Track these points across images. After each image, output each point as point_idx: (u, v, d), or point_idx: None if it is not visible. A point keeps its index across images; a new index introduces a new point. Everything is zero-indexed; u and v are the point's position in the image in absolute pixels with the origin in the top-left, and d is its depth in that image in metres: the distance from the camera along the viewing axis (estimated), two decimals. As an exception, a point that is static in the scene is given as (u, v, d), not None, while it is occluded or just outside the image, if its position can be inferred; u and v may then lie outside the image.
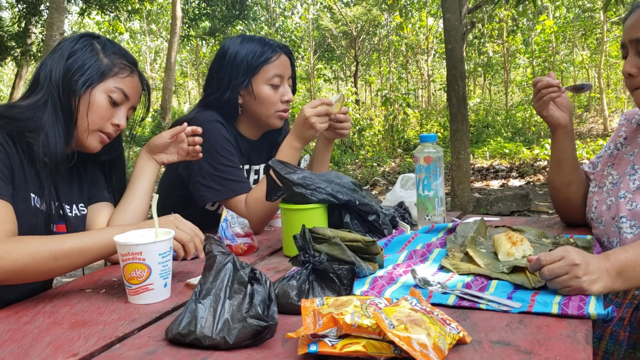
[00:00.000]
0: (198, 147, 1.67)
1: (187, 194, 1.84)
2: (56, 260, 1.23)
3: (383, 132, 13.00)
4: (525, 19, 17.01)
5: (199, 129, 1.66)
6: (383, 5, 16.74)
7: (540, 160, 10.17)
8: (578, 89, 1.65)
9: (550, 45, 16.75)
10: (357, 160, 11.58)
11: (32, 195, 1.39)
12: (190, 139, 1.67)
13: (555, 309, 1.03)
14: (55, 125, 1.41)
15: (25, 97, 1.46)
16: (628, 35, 1.46)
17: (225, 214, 1.58)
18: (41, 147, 1.38)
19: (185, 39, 15.22)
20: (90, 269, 2.04)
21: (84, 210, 1.58)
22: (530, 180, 8.80)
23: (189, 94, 26.52)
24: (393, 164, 11.26)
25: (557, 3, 16.27)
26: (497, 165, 10.12)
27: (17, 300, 1.34)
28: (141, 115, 1.65)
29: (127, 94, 1.51)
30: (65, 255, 1.24)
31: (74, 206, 1.55)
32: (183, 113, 17.07)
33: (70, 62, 1.45)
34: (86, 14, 12.63)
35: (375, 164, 10.93)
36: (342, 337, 0.89)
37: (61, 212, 1.50)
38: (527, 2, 7.47)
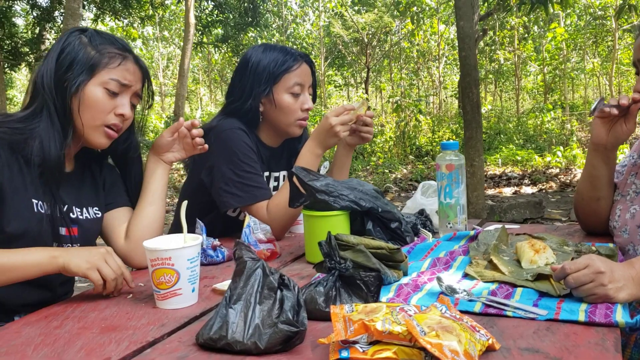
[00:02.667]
0: (200, 140, 1.63)
1: (209, 200, 1.86)
2: None
3: (394, 139, 12.98)
4: (536, 27, 16.97)
5: (197, 122, 1.65)
6: (395, 12, 16.76)
7: (552, 167, 10.13)
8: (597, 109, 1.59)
9: (561, 52, 16.69)
10: (368, 167, 11.58)
11: (35, 201, 1.40)
12: (192, 132, 1.63)
13: (582, 317, 1.03)
14: (50, 131, 1.40)
15: (26, 105, 1.46)
16: (637, 55, 1.49)
17: (248, 220, 1.60)
18: (35, 154, 1.38)
19: (198, 46, 15.29)
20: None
21: (98, 214, 1.58)
22: (543, 187, 8.77)
23: (200, 101, 26.65)
24: (405, 170, 11.24)
25: (569, 11, 16.21)
26: (510, 172, 10.08)
27: (36, 304, 1.37)
28: (148, 102, 1.60)
29: (124, 82, 1.47)
30: None
31: (85, 209, 1.55)
32: (195, 118, 17.15)
33: (60, 62, 1.43)
34: (100, 20, 12.73)
35: (386, 171, 10.92)
36: (372, 343, 0.90)
37: (72, 215, 1.50)
38: (538, 10, 7.46)
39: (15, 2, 11.06)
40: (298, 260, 1.60)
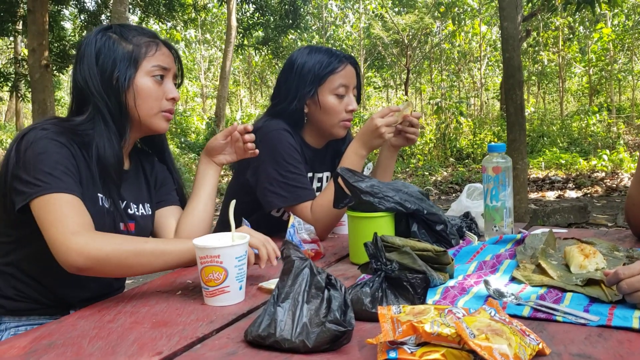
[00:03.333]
0: (251, 145, 1.67)
1: (253, 200, 1.88)
2: (137, 257, 1.28)
3: (435, 141, 12.87)
4: (582, 27, 16.60)
5: (250, 127, 1.68)
6: (436, 13, 16.62)
7: (597, 171, 9.88)
8: None
9: (608, 53, 16.27)
10: (407, 169, 11.51)
11: (100, 195, 1.44)
12: (244, 137, 1.66)
13: (636, 324, 1.01)
14: (107, 134, 1.44)
15: (76, 111, 1.49)
16: None
17: (293, 220, 1.61)
18: (96, 157, 1.42)
19: (239, 49, 15.47)
20: (162, 272, 2.11)
21: (149, 211, 1.62)
22: (588, 192, 8.56)
23: (240, 102, 26.95)
24: (445, 173, 11.13)
25: (616, 10, 15.80)
26: (553, 176, 9.88)
27: (89, 299, 1.41)
28: (181, 82, 1.64)
29: (165, 66, 1.52)
30: (146, 253, 1.29)
31: (141, 205, 1.59)
32: (236, 120, 17.35)
33: (101, 64, 1.46)
34: (144, 23, 13.01)
35: (426, 173, 10.84)
36: (420, 345, 0.90)
37: (129, 211, 1.55)
38: (584, 10, 7.30)
39: (64, 6, 11.39)
40: (342, 261, 1.61)
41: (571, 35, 17.25)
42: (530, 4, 9.02)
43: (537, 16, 12.76)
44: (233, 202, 1.33)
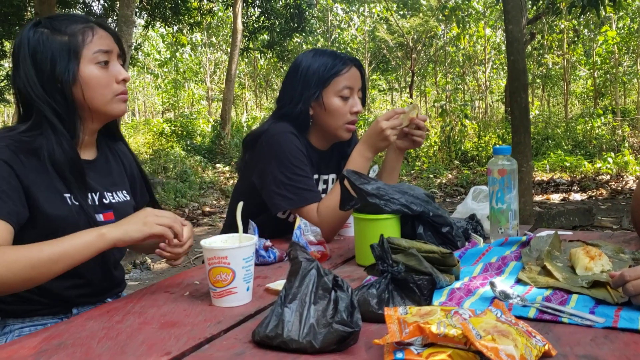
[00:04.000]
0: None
1: (260, 202, 1.89)
2: (34, 269, 1.22)
3: (439, 144, 12.87)
4: (586, 30, 16.57)
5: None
6: (440, 17, 16.63)
7: (602, 174, 9.86)
8: None
9: (613, 56, 16.23)
10: (412, 172, 11.51)
11: (67, 195, 1.41)
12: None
13: (642, 326, 1.01)
14: (54, 139, 1.38)
15: (23, 118, 1.44)
16: None
17: (299, 222, 1.62)
18: (48, 162, 1.38)
19: (244, 52, 15.52)
20: (169, 273, 2.13)
21: (127, 197, 1.60)
22: (593, 194, 8.55)
23: (246, 105, 27.00)
24: (450, 175, 11.13)
25: (621, 13, 15.77)
26: (558, 178, 9.86)
27: (90, 294, 1.43)
28: (125, 60, 1.57)
29: (107, 49, 1.45)
30: (43, 262, 1.23)
31: (115, 193, 1.56)
32: (241, 123, 17.39)
33: (39, 64, 1.40)
34: (151, 26, 13.07)
35: (431, 176, 10.83)
36: (427, 345, 0.90)
37: (104, 200, 1.51)
38: (589, 13, 7.29)
39: (71, 10, 11.46)
40: (348, 263, 1.61)
41: (576, 38, 17.21)
42: (535, 7, 9.03)
43: (541, 19, 12.77)
44: (240, 204, 1.34)
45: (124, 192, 1.60)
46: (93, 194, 1.49)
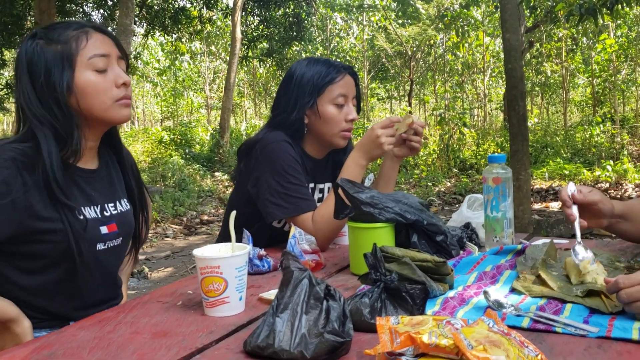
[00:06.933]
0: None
1: (255, 211, 1.89)
2: None
3: (438, 152, 12.87)
4: (585, 38, 16.62)
5: None
6: (439, 25, 16.68)
7: (601, 182, 9.85)
8: None
9: (611, 64, 16.27)
10: (411, 180, 11.51)
11: (60, 213, 1.37)
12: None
13: (635, 335, 1.01)
14: (49, 150, 1.33)
15: (16, 131, 1.42)
16: None
17: (294, 231, 1.62)
18: (41, 173, 1.33)
19: (243, 60, 15.56)
20: (167, 282, 2.13)
21: (127, 206, 1.58)
22: (592, 202, 8.52)
23: (245, 113, 27.04)
24: (448, 183, 11.12)
25: (619, 22, 15.83)
26: (557, 186, 9.85)
27: (87, 308, 1.43)
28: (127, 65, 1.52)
29: (104, 52, 1.40)
30: None
31: (117, 203, 1.54)
32: (240, 132, 17.41)
33: (35, 75, 1.36)
34: (150, 35, 13.11)
35: (430, 184, 10.83)
36: (418, 355, 0.90)
37: (106, 213, 1.49)
38: (587, 21, 7.32)
39: (72, 18, 11.51)
40: (342, 272, 1.61)
41: (574, 47, 17.27)
42: (533, 16, 9.06)
43: (540, 27, 12.81)
44: (233, 214, 1.33)
45: (124, 200, 1.59)
46: (95, 207, 1.47)
